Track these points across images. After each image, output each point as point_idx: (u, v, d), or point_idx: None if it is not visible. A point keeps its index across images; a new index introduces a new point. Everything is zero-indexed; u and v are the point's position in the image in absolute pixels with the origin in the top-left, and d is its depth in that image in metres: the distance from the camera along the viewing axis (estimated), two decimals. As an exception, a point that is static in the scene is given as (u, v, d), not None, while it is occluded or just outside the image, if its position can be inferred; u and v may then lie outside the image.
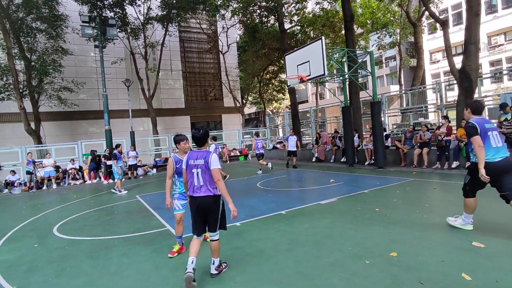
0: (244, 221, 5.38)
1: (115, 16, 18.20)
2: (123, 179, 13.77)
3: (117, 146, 10.51)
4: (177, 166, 4.08)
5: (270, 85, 31.70)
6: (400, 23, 19.94)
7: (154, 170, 15.96)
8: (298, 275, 3.23)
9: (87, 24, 14.78)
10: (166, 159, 17.55)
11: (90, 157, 14.15)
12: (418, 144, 10.01)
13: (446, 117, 9.58)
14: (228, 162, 18.66)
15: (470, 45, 9.11)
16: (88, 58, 21.71)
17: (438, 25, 21.50)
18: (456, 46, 25.27)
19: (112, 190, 10.19)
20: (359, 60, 11.66)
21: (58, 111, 19.39)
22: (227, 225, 5.29)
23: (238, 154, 19.97)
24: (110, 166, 13.76)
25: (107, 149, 14.17)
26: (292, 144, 12.57)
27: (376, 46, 21.66)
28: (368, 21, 19.88)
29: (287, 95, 35.82)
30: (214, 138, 11.13)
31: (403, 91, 15.06)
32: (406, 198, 6.14)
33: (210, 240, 3.37)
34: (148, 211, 6.90)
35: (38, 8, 16.25)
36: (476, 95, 9.96)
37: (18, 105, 15.81)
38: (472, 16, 9.01)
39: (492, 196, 5.82)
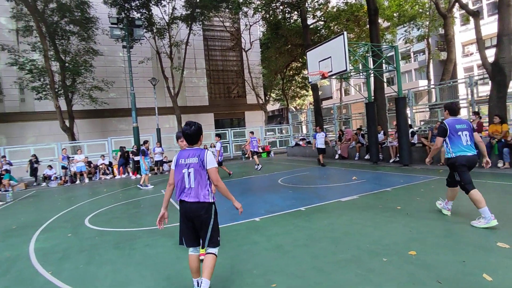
0: (263, 217, 5.47)
1: (142, 17, 18.82)
2: (150, 174, 14.33)
3: (145, 142, 10.94)
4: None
5: (293, 82, 31.48)
6: (429, 15, 19.09)
7: (179, 166, 16.45)
8: (314, 270, 3.28)
9: (116, 26, 15.44)
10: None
11: (119, 153, 14.82)
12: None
13: (477, 113, 9.14)
14: (251, 158, 18.82)
15: (503, 37, 8.61)
16: (117, 58, 22.61)
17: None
18: (491, 37, 23.83)
19: (138, 186, 10.62)
20: (384, 55, 11.34)
21: (90, 109, 20.39)
22: (248, 220, 5.42)
23: (261, 151, 20.08)
24: (138, 161, 14.36)
25: (135, 146, 14.76)
26: (320, 141, 12.26)
27: (403, 39, 20.93)
28: (395, 14, 19.20)
29: (311, 92, 35.48)
30: (219, 136, 10.86)
31: (432, 86, 14.47)
32: (430, 197, 5.96)
33: (206, 252, 2.83)
34: (173, 205, 7.14)
35: (71, 11, 17.14)
36: (510, 90, 9.41)
37: (54, 104, 16.81)
38: (504, 6, 8.53)
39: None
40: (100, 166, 14.77)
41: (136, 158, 14.28)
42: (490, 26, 23.49)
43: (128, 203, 8.04)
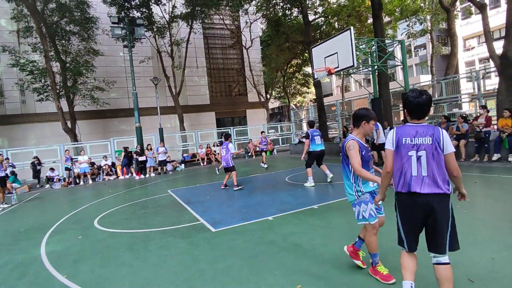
0: (276, 216, 5.39)
1: (142, 16, 18.66)
2: (154, 174, 14.25)
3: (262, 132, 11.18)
4: (363, 153, 2.96)
5: (294, 79, 31.39)
6: (431, 9, 18.94)
7: (182, 166, 16.34)
8: (337, 270, 3.20)
9: (116, 25, 15.29)
10: (194, 155, 17.90)
11: (122, 154, 14.72)
12: (454, 136, 9.54)
13: (485, 107, 9.04)
14: (254, 157, 18.74)
15: (513, 29, 8.51)
16: (117, 58, 22.45)
17: (473, 9, 20.31)
18: (493, 31, 23.68)
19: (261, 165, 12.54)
20: (389, 50, 11.24)
21: (91, 110, 20.25)
22: (261, 219, 5.29)
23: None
24: (142, 162, 14.30)
25: (138, 146, 14.67)
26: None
27: (406, 34, 20.83)
28: (397, 9, 19.06)
29: (311, 89, 35.34)
30: (227, 136, 9.00)
31: (436, 81, 14.38)
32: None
33: (437, 264, 2.27)
34: (181, 205, 7.08)
35: (70, 11, 16.98)
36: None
37: (56, 105, 16.68)
38: (514, -3, 8.40)
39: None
40: (103, 167, 14.68)
41: (140, 158, 14.20)
42: (492, 19, 23.27)
43: (134, 204, 7.95)
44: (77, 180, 13.68)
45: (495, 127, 9.15)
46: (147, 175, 14.17)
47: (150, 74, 21.82)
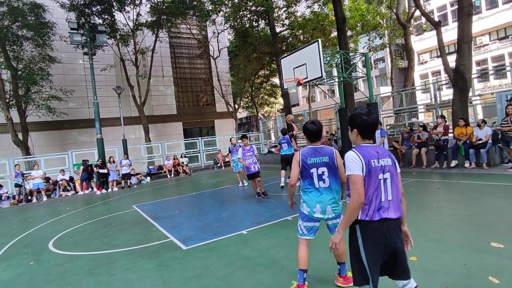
0: (250, 229, 5.21)
1: (104, 23, 17.88)
2: (117, 189, 13.46)
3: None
4: None
5: (262, 89, 31.70)
6: (389, 25, 20.19)
7: (148, 178, 15.61)
8: (319, 284, 3.09)
9: (76, 31, 14.47)
10: (160, 167, 17.17)
11: (81, 167, 13.75)
12: (416, 144, 10.03)
13: (442, 117, 9.63)
14: (223, 168, 18.44)
15: (464, 45, 9.20)
16: (77, 66, 21.26)
17: (425, 26, 21.92)
18: (455, 43, 25.66)
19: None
20: (354, 62, 11.68)
21: (47, 121, 18.86)
22: (235, 233, 5.09)
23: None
24: (103, 175, 13.46)
25: (100, 159, 13.81)
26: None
27: (368, 48, 21.98)
28: (358, 24, 20.06)
29: (279, 99, 35.90)
30: (244, 137, 8.24)
31: (396, 92, 15.20)
32: (412, 199, 6.06)
33: None
34: (147, 222, 6.66)
35: (24, 15, 15.81)
36: (470, 94, 10.05)
37: (5, 116, 15.31)
38: (464, 16, 9.12)
39: (502, 195, 5.79)
40: (60, 182, 13.57)
41: (101, 171, 13.36)
42: (455, 31, 25.23)
43: (96, 221, 7.36)
44: (29, 198, 12.50)
45: (451, 135, 9.76)
46: (110, 190, 13.34)
47: (113, 83, 20.90)
